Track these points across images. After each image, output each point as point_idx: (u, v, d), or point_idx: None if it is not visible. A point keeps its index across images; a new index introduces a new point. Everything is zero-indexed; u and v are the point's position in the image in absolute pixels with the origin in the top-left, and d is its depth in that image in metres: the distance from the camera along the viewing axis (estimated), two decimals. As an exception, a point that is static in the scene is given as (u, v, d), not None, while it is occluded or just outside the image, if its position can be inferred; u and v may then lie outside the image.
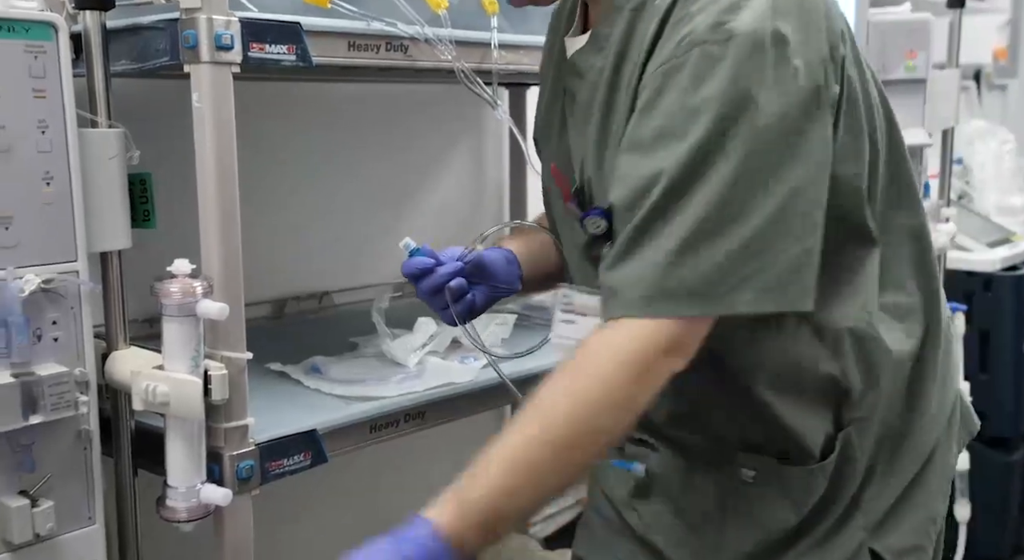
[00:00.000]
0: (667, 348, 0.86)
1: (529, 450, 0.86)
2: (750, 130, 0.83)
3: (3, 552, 1.01)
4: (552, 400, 0.87)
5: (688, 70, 0.84)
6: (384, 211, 2.09)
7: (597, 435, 0.88)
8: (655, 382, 0.87)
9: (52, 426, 1.02)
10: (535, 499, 0.89)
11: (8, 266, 0.98)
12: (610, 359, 0.86)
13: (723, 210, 0.84)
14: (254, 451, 1.13)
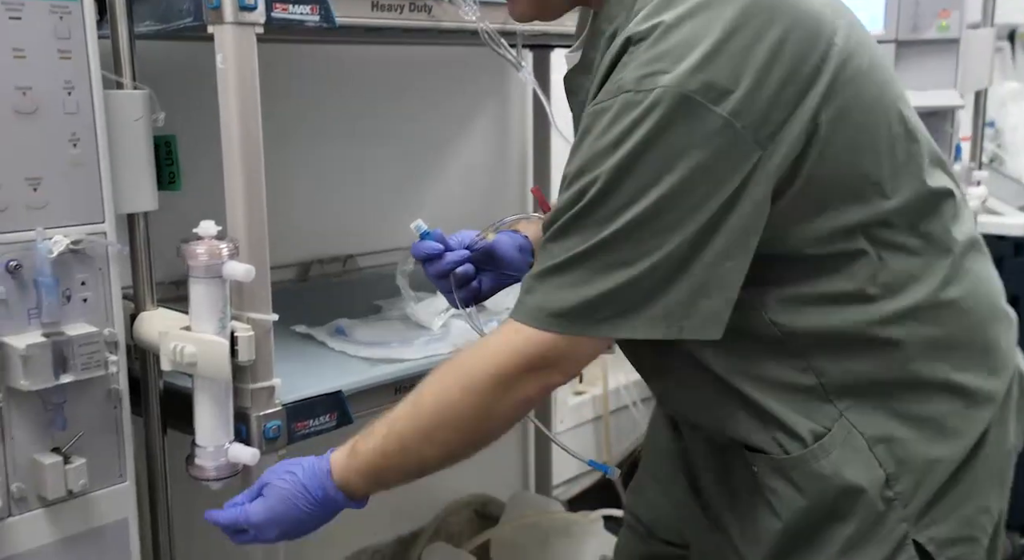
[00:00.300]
0: (540, 363, 0.91)
1: (403, 426, 0.96)
2: (657, 178, 0.84)
3: (38, 507, 1.03)
4: (433, 383, 0.96)
5: (610, 115, 0.86)
6: (408, 174, 2.08)
7: (457, 432, 0.95)
8: (521, 395, 0.93)
9: (83, 385, 1.04)
10: (407, 469, 0.99)
11: (37, 227, 0.99)
12: (482, 367, 0.93)
13: (617, 246, 0.86)
14: (280, 412, 1.15)
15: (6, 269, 0.98)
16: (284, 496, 0.98)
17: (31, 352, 0.96)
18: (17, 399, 1.00)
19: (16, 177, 0.98)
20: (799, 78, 0.86)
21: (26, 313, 1.00)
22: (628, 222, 0.85)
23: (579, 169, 0.88)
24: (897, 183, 0.93)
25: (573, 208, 0.88)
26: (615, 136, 0.85)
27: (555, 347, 0.90)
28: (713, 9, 0.85)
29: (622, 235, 0.86)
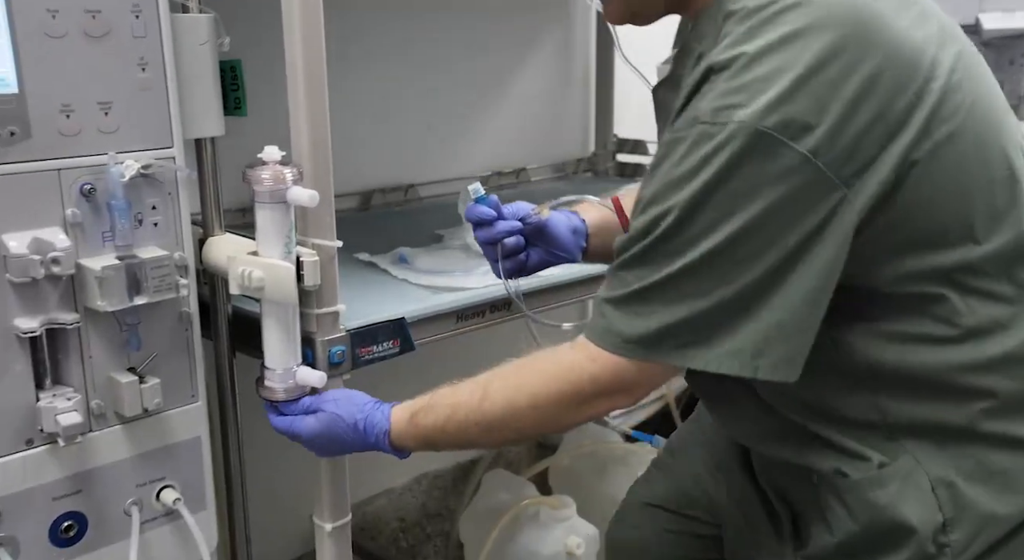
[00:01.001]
0: (611, 387, 0.94)
1: (466, 413, 1.01)
2: (730, 214, 0.84)
3: (116, 424, 1.07)
4: (503, 385, 1.00)
5: (685, 146, 0.86)
6: (470, 102, 2.06)
7: (517, 433, 1.01)
8: (588, 414, 0.98)
9: (155, 307, 1.06)
10: (461, 445, 1.07)
11: (109, 151, 1.00)
12: (555, 386, 0.96)
13: (691, 277, 0.87)
14: (345, 337, 1.16)
15: (81, 193, 1.00)
16: (337, 430, 1.08)
17: (106, 274, 0.99)
18: (94, 320, 1.03)
19: (88, 101, 0.99)
20: (891, 115, 0.83)
21: (100, 236, 1.02)
22: (702, 255, 0.85)
23: (653, 197, 0.88)
24: (993, 228, 0.90)
25: (647, 237, 0.89)
26: (689, 168, 0.85)
27: (628, 372, 0.92)
28: (801, 40, 0.83)
29: (696, 267, 0.86)
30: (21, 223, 0.96)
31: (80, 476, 1.05)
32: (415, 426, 1.04)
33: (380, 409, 1.08)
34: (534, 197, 1.97)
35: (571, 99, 2.29)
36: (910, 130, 0.84)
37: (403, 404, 1.07)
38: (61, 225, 0.99)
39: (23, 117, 0.95)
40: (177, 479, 1.13)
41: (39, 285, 0.98)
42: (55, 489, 1.03)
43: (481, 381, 1.02)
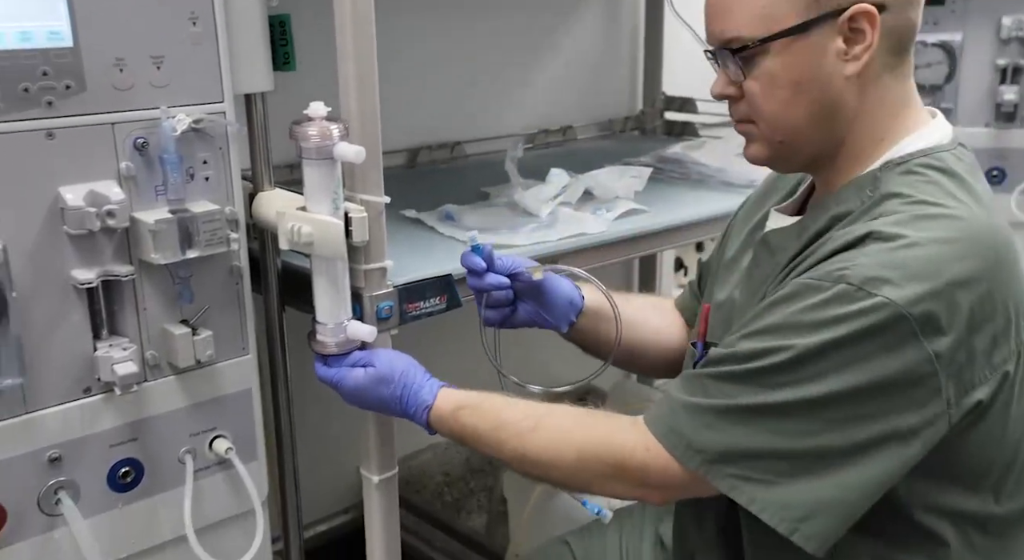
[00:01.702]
0: (655, 482, 0.95)
1: (510, 435, 1.02)
2: (841, 374, 0.85)
3: (170, 374, 1.10)
4: (556, 426, 1.02)
5: (823, 296, 0.87)
6: (517, 61, 2.04)
7: (544, 474, 1.03)
8: (618, 491, 1.00)
9: (207, 261, 1.08)
10: (486, 453, 1.08)
11: (161, 105, 1.01)
12: (606, 452, 0.97)
13: (781, 416, 0.88)
14: (392, 293, 1.17)
15: (134, 147, 1.01)
16: (381, 390, 1.10)
17: (159, 227, 1.00)
18: (148, 272, 1.04)
19: (141, 55, 0.99)
20: (996, 353, 0.88)
21: (153, 190, 1.03)
22: (801, 399, 0.86)
23: (773, 328, 0.89)
24: (1016, 492, 0.94)
25: (751, 362, 0.89)
26: (821, 319, 0.86)
27: (676, 476, 0.93)
28: (962, 246, 0.87)
29: (790, 409, 0.87)
30: (77, 176, 0.98)
31: (136, 424, 1.08)
32: (455, 420, 1.06)
33: (429, 384, 1.09)
34: (580, 156, 1.97)
35: (619, 55, 2.26)
36: (1007, 365, 0.89)
37: (452, 390, 1.09)
38: (115, 178, 1.00)
39: (78, 71, 0.96)
40: (229, 430, 1.15)
41: (95, 237, 1.00)
42: (112, 436, 1.06)
43: (536, 411, 1.04)
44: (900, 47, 0.97)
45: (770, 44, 0.94)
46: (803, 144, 0.99)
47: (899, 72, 0.98)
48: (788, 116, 0.97)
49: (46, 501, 1.02)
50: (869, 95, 0.96)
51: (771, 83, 0.95)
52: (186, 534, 1.08)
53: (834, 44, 0.94)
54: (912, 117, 0.99)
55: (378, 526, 1.23)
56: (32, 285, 0.97)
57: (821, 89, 0.95)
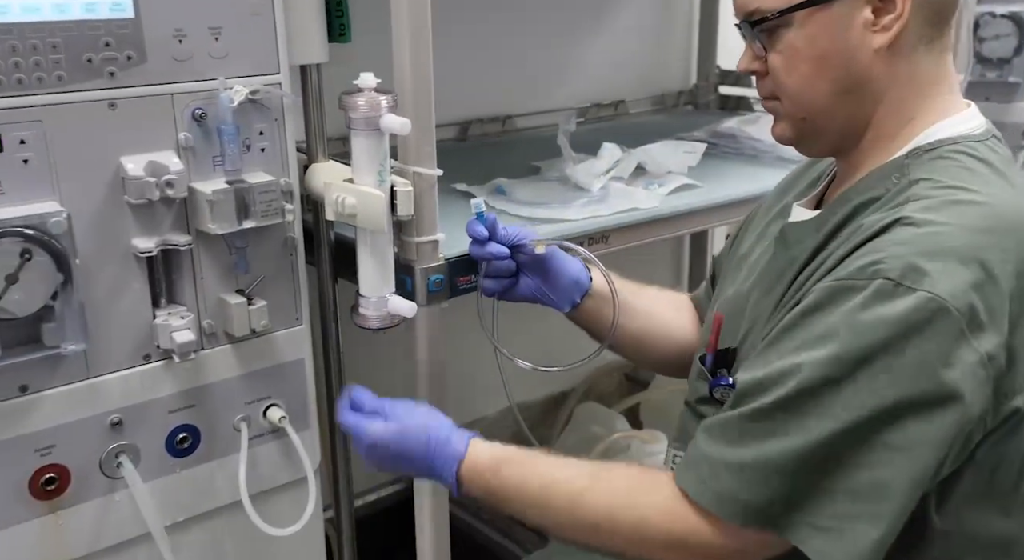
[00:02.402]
0: (717, 554, 0.87)
1: (560, 496, 0.94)
2: (896, 384, 0.79)
3: (226, 343, 1.11)
4: (610, 491, 0.93)
5: (861, 298, 0.80)
6: (569, 34, 2.02)
7: (592, 538, 0.94)
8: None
9: (262, 232, 1.09)
10: (527, 519, 0.98)
11: (219, 76, 1.02)
12: (667, 525, 0.89)
13: (826, 450, 0.81)
14: (443, 266, 1.17)
15: (193, 117, 1.02)
16: (406, 442, 1.00)
17: (217, 197, 1.01)
18: (205, 242, 1.06)
19: (200, 26, 1.00)
20: None
21: (211, 160, 1.04)
22: (847, 427, 0.80)
23: (809, 342, 0.82)
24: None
25: (787, 383, 0.82)
26: (862, 323, 0.80)
27: (748, 543, 0.86)
28: (998, 236, 0.82)
29: (841, 438, 0.80)
30: (138, 146, 0.99)
31: (193, 392, 1.10)
32: (496, 475, 0.97)
33: (458, 434, 1.00)
34: (632, 131, 1.94)
35: (673, 28, 2.22)
36: None
37: (484, 441, 1.00)
38: (174, 149, 1.02)
39: (139, 42, 0.97)
40: (282, 398, 1.17)
41: (154, 207, 1.01)
42: (170, 403, 1.08)
43: (586, 471, 0.96)
44: (938, 18, 0.90)
45: (792, 16, 0.90)
46: (827, 122, 0.94)
47: (935, 45, 0.91)
48: (811, 92, 0.92)
49: (108, 464, 1.05)
50: (900, 70, 0.90)
51: (794, 57, 0.91)
52: (240, 500, 1.10)
53: (861, 15, 0.88)
54: (945, 99, 0.93)
55: (427, 497, 1.24)
56: (94, 253, 0.99)
57: (846, 63, 0.90)
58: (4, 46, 0.90)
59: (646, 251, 1.49)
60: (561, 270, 1.18)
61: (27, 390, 0.98)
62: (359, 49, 1.16)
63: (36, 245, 0.92)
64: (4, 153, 0.92)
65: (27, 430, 0.99)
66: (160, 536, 1.07)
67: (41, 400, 0.99)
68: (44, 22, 0.91)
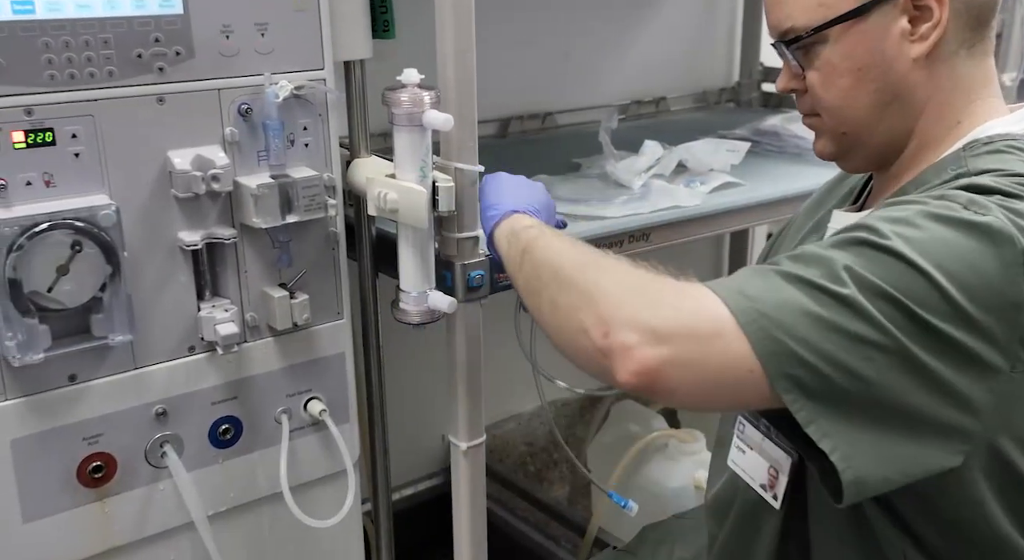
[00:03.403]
0: (673, 334, 0.74)
1: (572, 248, 0.89)
2: (954, 267, 0.73)
3: (268, 336, 1.13)
4: (617, 259, 0.85)
5: (925, 204, 0.76)
6: (610, 30, 2.01)
7: (575, 291, 0.82)
8: (620, 341, 0.75)
9: (305, 226, 1.10)
10: (525, 277, 0.93)
11: (265, 72, 1.03)
12: (649, 284, 0.79)
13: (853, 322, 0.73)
14: (484, 262, 1.17)
15: (238, 112, 1.03)
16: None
17: (261, 192, 1.02)
18: (249, 236, 1.07)
19: (246, 22, 1.01)
20: None
21: (255, 155, 1.06)
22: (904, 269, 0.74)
23: (866, 225, 0.77)
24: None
25: (849, 234, 0.77)
26: (928, 212, 0.76)
27: (713, 340, 0.73)
28: None
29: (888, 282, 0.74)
30: (185, 141, 1.01)
31: (236, 383, 1.11)
32: (524, 236, 0.95)
33: (523, 209, 1.03)
34: (674, 128, 1.93)
35: (715, 25, 2.20)
36: None
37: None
38: (220, 143, 1.03)
39: (187, 37, 0.98)
40: (323, 392, 1.18)
41: (200, 201, 1.03)
42: (214, 394, 1.10)
43: (597, 254, 0.89)
44: (978, 22, 0.88)
45: (827, 32, 0.88)
46: (868, 135, 0.92)
47: (976, 50, 0.90)
48: (851, 106, 0.90)
49: (153, 453, 1.07)
50: (941, 77, 0.89)
51: (831, 73, 0.90)
52: (281, 491, 1.12)
53: (897, 25, 0.87)
54: (991, 102, 0.91)
55: (465, 492, 1.24)
56: (142, 246, 1.01)
57: (884, 75, 0.88)
58: (58, 42, 0.91)
59: (686, 249, 1.48)
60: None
61: (76, 380, 1.00)
62: (402, 45, 1.16)
63: (86, 237, 0.94)
64: (57, 147, 0.94)
65: (76, 419, 1.01)
66: (203, 525, 1.08)
67: (89, 390, 1.01)
68: (96, 18, 0.93)
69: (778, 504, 0.95)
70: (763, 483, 0.97)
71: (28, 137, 0.92)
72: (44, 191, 0.94)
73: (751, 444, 1.00)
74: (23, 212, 0.92)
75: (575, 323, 0.79)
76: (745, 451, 1.01)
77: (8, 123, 0.91)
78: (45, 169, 0.94)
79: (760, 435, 0.97)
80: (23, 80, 0.91)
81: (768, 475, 0.97)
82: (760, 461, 0.98)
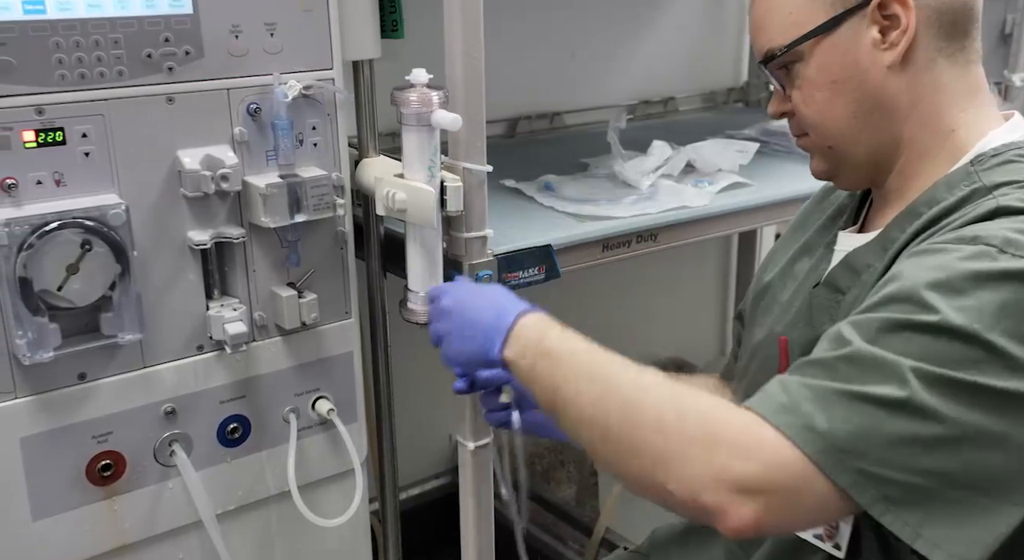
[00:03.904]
0: (759, 482, 0.72)
1: (614, 371, 0.82)
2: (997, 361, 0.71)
3: (276, 335, 1.13)
4: (671, 384, 0.80)
5: (963, 254, 0.75)
6: (616, 29, 2.01)
7: (627, 424, 0.78)
8: (696, 471, 0.73)
9: (313, 226, 1.10)
10: (552, 400, 0.85)
11: (274, 71, 1.03)
12: (724, 416, 0.75)
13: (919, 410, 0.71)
14: (492, 262, 1.17)
15: (247, 112, 1.03)
16: (473, 302, 0.95)
17: (270, 191, 1.03)
18: (258, 235, 1.07)
19: (256, 21, 1.02)
20: None
21: (264, 155, 1.06)
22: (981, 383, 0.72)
23: (908, 291, 0.75)
24: None
25: (891, 313, 0.75)
26: (967, 271, 0.74)
27: (784, 463, 0.72)
28: None
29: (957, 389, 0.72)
30: (194, 140, 1.01)
31: (244, 383, 1.12)
32: (558, 331, 0.88)
33: (519, 301, 0.94)
34: (682, 128, 1.93)
35: (723, 25, 2.19)
36: None
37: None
38: (229, 143, 1.03)
39: (196, 37, 0.98)
40: (331, 391, 1.18)
41: (209, 200, 1.03)
42: (222, 393, 1.10)
43: (638, 374, 0.82)
44: (955, 30, 0.89)
45: (801, 49, 0.90)
46: (853, 147, 0.92)
47: (959, 58, 0.90)
48: (832, 118, 0.91)
49: (161, 452, 1.07)
50: (922, 84, 0.89)
51: (810, 88, 0.91)
52: (289, 490, 1.12)
53: (868, 35, 0.88)
54: (986, 110, 0.91)
55: (471, 492, 1.25)
56: (151, 245, 1.01)
57: (860, 84, 0.89)
58: (68, 41, 0.92)
59: (694, 250, 1.48)
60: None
61: (85, 378, 1.01)
62: (411, 45, 1.16)
63: (96, 236, 0.94)
64: (67, 146, 0.94)
65: (85, 417, 1.01)
66: (212, 524, 1.09)
67: (98, 388, 1.02)
68: (106, 18, 0.93)
69: (843, 553, 0.90)
70: (818, 534, 0.92)
71: (39, 136, 0.92)
72: (54, 190, 0.94)
73: None
74: (33, 211, 0.92)
75: (656, 487, 0.76)
76: None
77: (19, 122, 0.91)
78: (55, 168, 0.94)
79: None
80: (34, 80, 0.91)
81: (825, 526, 0.91)
82: None
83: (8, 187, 0.92)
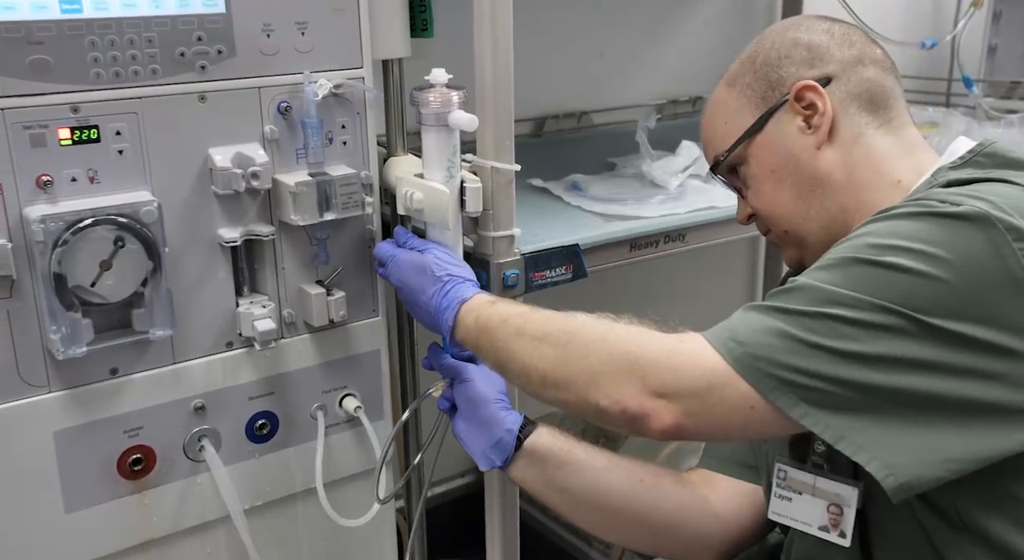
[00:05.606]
0: (677, 389, 0.81)
1: (537, 321, 0.92)
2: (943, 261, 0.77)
3: (305, 333, 1.14)
4: (595, 319, 0.89)
5: (899, 210, 0.82)
6: (646, 30, 2.00)
7: (560, 359, 0.88)
8: (626, 394, 0.82)
9: (342, 224, 1.11)
10: (498, 350, 0.94)
11: (305, 70, 1.04)
12: (642, 340, 0.84)
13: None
14: (519, 261, 1.17)
15: (278, 110, 1.04)
16: (415, 279, 1.03)
17: (300, 189, 1.03)
18: (287, 233, 1.08)
19: (287, 20, 1.02)
20: None
21: (294, 153, 1.07)
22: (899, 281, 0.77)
23: (847, 247, 0.82)
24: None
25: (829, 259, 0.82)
26: (905, 212, 0.81)
27: (705, 371, 0.80)
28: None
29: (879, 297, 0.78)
30: (225, 138, 1.02)
31: (272, 379, 1.12)
32: (494, 308, 0.97)
33: (475, 289, 1.02)
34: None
35: (751, 24, 2.18)
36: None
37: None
38: (260, 141, 1.04)
39: (229, 36, 0.99)
40: (358, 388, 1.19)
41: (240, 198, 1.04)
42: (251, 390, 1.11)
43: (579, 314, 0.92)
44: (874, 104, 0.96)
45: (741, 152, 0.98)
46: (805, 223, 0.97)
47: (888, 127, 0.96)
48: (779, 204, 0.97)
49: (191, 447, 1.08)
50: (854, 155, 0.94)
51: (757, 183, 0.99)
52: (315, 487, 1.13)
53: (793, 124, 0.96)
54: (928, 155, 0.96)
55: (497, 491, 1.25)
56: (182, 242, 1.02)
57: (796, 168, 0.96)
58: (104, 41, 0.93)
59: (722, 250, 1.47)
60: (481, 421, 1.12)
61: (117, 373, 1.02)
62: (440, 44, 1.16)
63: (129, 233, 0.95)
64: (101, 144, 0.95)
65: (117, 411, 1.02)
66: (240, 519, 1.09)
67: (130, 383, 1.03)
68: (141, 17, 0.94)
69: (847, 541, 0.92)
70: (823, 525, 0.95)
71: (74, 134, 0.94)
72: (88, 187, 0.95)
73: (799, 489, 0.97)
74: (68, 208, 0.93)
75: (591, 407, 0.85)
76: (792, 498, 0.98)
77: (55, 120, 0.92)
78: (90, 166, 0.95)
79: (811, 475, 0.95)
80: (70, 78, 0.92)
81: (829, 514, 0.94)
82: (815, 503, 0.95)
83: (44, 184, 0.93)
